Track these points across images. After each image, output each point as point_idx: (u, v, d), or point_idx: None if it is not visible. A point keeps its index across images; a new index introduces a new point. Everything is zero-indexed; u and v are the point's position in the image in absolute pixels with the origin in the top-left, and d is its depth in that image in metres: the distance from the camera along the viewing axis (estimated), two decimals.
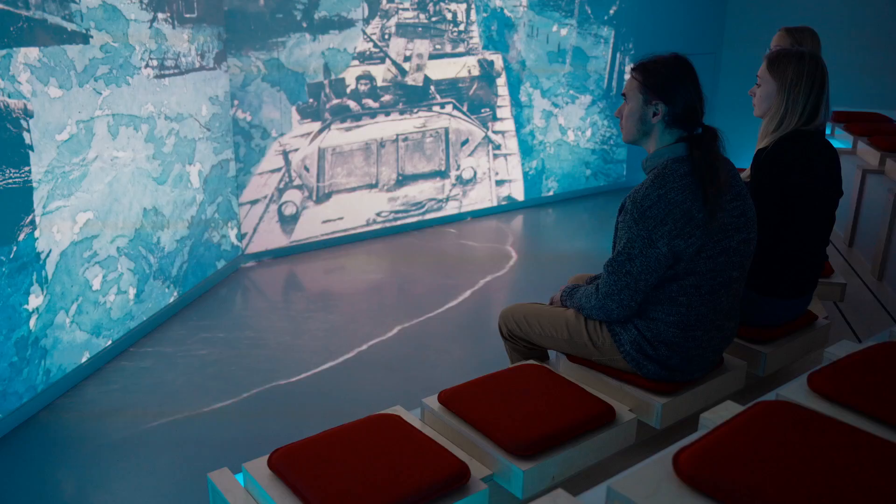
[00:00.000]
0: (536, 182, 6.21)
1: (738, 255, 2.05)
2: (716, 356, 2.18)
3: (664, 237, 1.93)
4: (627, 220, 1.98)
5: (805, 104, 2.37)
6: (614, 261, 2.02)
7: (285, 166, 4.78)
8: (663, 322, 2.04)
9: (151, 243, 3.85)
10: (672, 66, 2.03)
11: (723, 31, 7.03)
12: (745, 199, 2.08)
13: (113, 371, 3.41)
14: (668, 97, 2.02)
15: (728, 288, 2.06)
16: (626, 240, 1.98)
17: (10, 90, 2.87)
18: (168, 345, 3.67)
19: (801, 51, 2.41)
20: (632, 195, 1.99)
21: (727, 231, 2.00)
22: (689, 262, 1.96)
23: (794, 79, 2.37)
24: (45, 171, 3.07)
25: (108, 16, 3.41)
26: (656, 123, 2.05)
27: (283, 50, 4.61)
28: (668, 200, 1.93)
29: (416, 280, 4.56)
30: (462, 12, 5.42)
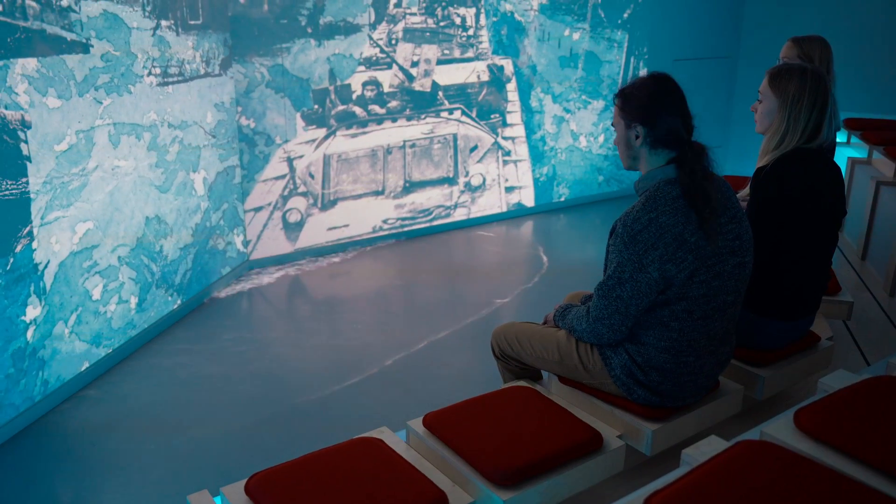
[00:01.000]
0: (547, 188, 6.18)
1: (732, 279, 2.02)
2: (709, 381, 2.16)
3: (655, 262, 1.91)
4: (618, 243, 1.96)
5: (807, 121, 2.33)
6: (604, 284, 2.00)
7: (290, 173, 4.79)
8: (654, 347, 2.01)
9: (154, 252, 3.87)
10: (648, 87, 2.02)
11: (739, 35, 6.95)
12: (741, 222, 2.05)
13: (112, 380, 3.44)
14: (644, 119, 2.01)
15: (722, 313, 2.03)
16: (617, 263, 1.96)
17: (7, 101, 2.90)
18: (169, 354, 3.69)
19: (804, 66, 2.37)
20: (622, 218, 1.97)
21: (721, 255, 1.98)
22: (681, 287, 1.94)
23: (797, 95, 2.33)
24: (42, 182, 3.10)
25: (109, 24, 3.44)
26: (640, 147, 2.03)
27: (287, 56, 4.62)
28: (660, 224, 1.91)
29: (421, 288, 4.55)
30: (471, 17, 5.40)
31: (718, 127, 6.65)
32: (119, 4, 3.49)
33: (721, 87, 6.79)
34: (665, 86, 2.02)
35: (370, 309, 4.27)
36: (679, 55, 6.60)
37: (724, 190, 2.05)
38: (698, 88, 6.70)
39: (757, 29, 6.84)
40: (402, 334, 3.91)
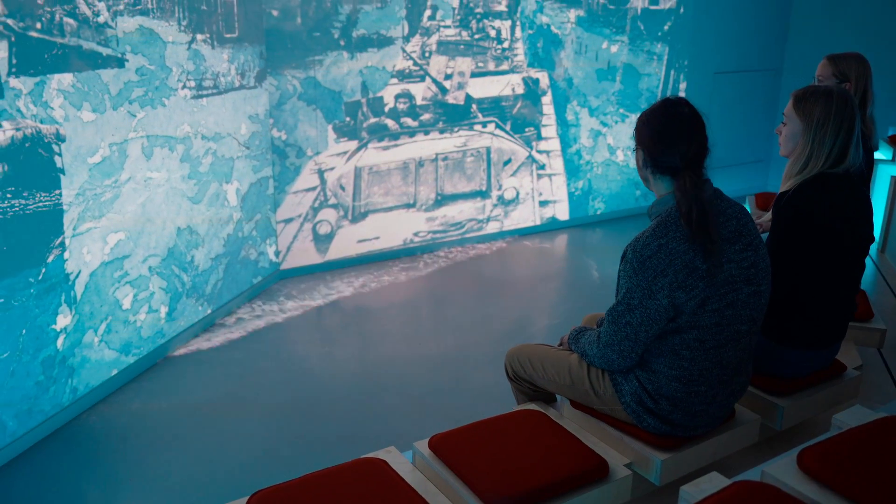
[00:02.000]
0: (582, 203, 6.16)
1: (747, 308, 2.00)
2: (723, 411, 2.13)
3: (664, 288, 1.90)
4: (627, 269, 1.96)
5: (832, 145, 2.30)
6: (614, 310, 2.01)
7: (320, 185, 4.87)
8: (665, 376, 2.00)
9: (185, 262, 3.97)
10: (654, 111, 2.03)
11: (784, 48, 6.83)
12: (756, 250, 2.03)
13: (139, 388, 3.53)
14: (644, 143, 2.03)
15: (736, 342, 2.01)
16: (626, 289, 1.96)
17: (43, 116, 3.02)
18: (197, 362, 3.78)
19: (830, 89, 2.34)
20: (632, 243, 1.97)
21: (735, 283, 1.96)
22: (692, 316, 1.93)
23: (822, 118, 2.30)
24: (76, 194, 3.21)
25: (144, 39, 3.55)
26: (645, 170, 2.04)
27: (320, 68, 4.70)
28: (669, 250, 1.90)
29: (450, 302, 4.58)
30: (506, 29, 5.43)
31: (761, 141, 6.54)
32: (155, 19, 3.60)
33: (764, 101, 6.68)
34: (671, 111, 2.01)
35: (398, 321, 4.31)
36: (721, 68, 6.52)
37: (739, 217, 2.03)
38: (740, 102, 6.68)
39: (802, 41, 6.72)
40: (428, 348, 3.95)
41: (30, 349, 3.04)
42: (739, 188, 6.51)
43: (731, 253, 1.97)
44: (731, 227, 1.99)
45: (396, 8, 4.91)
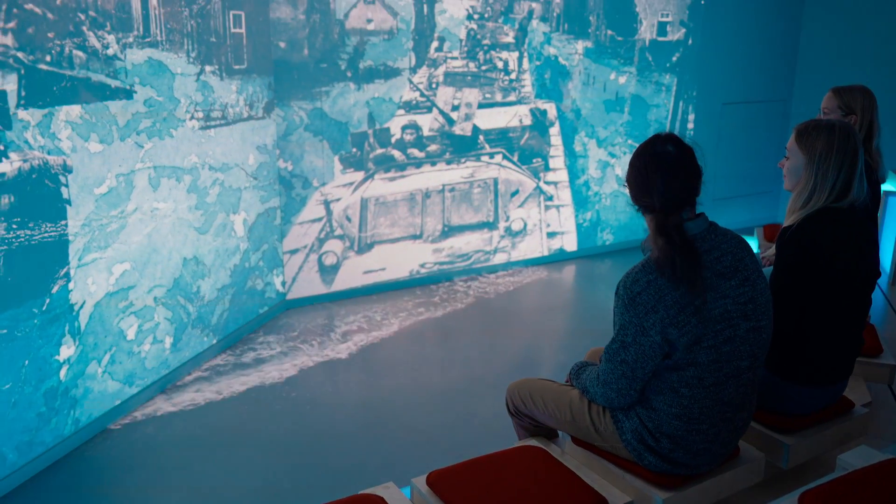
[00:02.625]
0: (591, 234, 6.16)
1: (746, 344, 1.99)
2: (726, 449, 2.11)
3: (656, 325, 1.90)
4: (619, 306, 1.96)
5: (836, 179, 2.30)
6: (610, 347, 2.00)
7: (326, 216, 4.90)
8: (665, 413, 1.99)
9: (191, 292, 3.99)
10: (640, 149, 2.03)
11: (793, 78, 6.86)
12: (754, 285, 2.01)
13: (143, 418, 3.53)
14: (627, 180, 2.03)
15: (736, 379, 2.00)
16: (620, 326, 1.97)
17: (50, 147, 3.06)
18: (199, 392, 3.78)
19: (832, 122, 2.35)
20: (623, 279, 1.97)
21: (731, 319, 1.95)
22: (688, 353, 1.92)
23: (824, 152, 2.30)
24: (81, 225, 3.24)
25: (153, 71, 3.60)
26: (632, 204, 2.04)
27: (326, 99, 4.76)
28: (659, 286, 1.89)
29: (457, 333, 4.57)
30: (514, 61, 5.48)
31: (770, 172, 6.54)
32: (164, 51, 3.66)
33: (773, 131, 6.69)
34: (654, 150, 1.99)
35: (404, 352, 4.30)
36: (729, 99, 6.55)
37: (736, 251, 2.02)
38: (749, 132, 6.70)
39: (810, 71, 6.75)
40: (432, 380, 3.94)
41: (32, 380, 3.05)
42: (748, 219, 6.50)
43: (725, 288, 1.95)
44: (725, 262, 1.98)
45: (403, 39, 4.98)
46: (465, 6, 5.19)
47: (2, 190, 2.89)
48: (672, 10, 6.11)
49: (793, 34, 6.83)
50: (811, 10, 6.76)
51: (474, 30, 5.28)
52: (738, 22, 6.49)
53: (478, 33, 5.29)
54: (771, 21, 6.68)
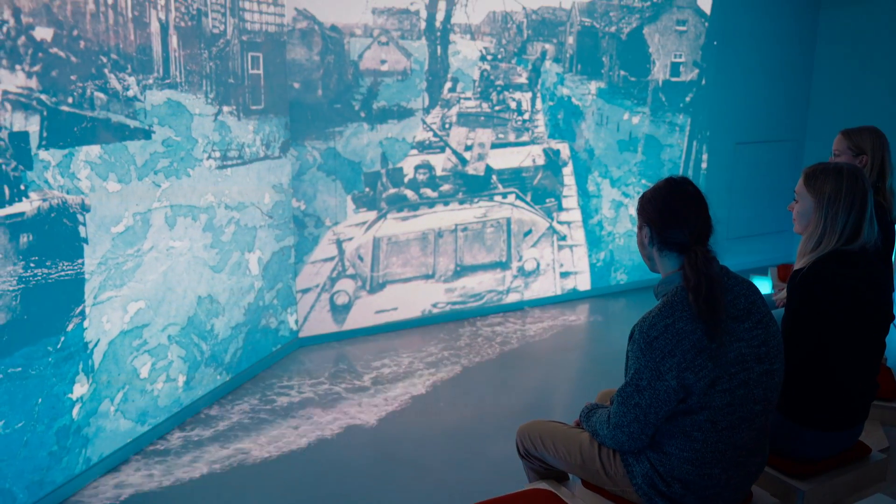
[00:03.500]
0: (604, 274, 6.19)
1: (759, 387, 2.00)
2: (738, 495, 2.12)
3: (673, 369, 1.92)
4: (635, 349, 1.99)
5: (845, 222, 2.34)
6: (623, 391, 2.02)
7: (339, 255, 4.96)
8: (677, 458, 2.00)
9: (205, 331, 4.05)
10: (660, 189, 2.10)
11: (806, 119, 6.92)
12: (767, 327, 2.04)
13: (154, 456, 3.56)
14: (651, 220, 2.08)
15: (749, 423, 2.01)
16: (635, 370, 1.99)
17: (70, 187, 3.15)
18: (209, 430, 3.81)
19: (840, 166, 2.39)
20: (639, 323, 2.00)
21: (745, 362, 1.97)
22: (702, 397, 1.93)
23: (833, 196, 2.34)
24: (98, 263, 3.31)
25: (172, 112, 3.70)
26: (650, 246, 2.09)
27: (340, 139, 4.85)
28: (676, 330, 1.92)
29: (469, 372, 4.58)
30: (527, 101, 5.57)
31: (784, 212, 6.55)
32: (183, 93, 3.77)
33: (787, 171, 6.74)
34: (677, 190, 2.08)
35: (415, 391, 4.32)
36: (742, 138, 6.61)
37: (748, 294, 2.05)
38: (763, 172, 6.74)
39: (824, 110, 6.81)
40: (444, 419, 3.95)
41: (45, 419, 3.09)
42: (762, 259, 6.51)
43: (740, 331, 1.98)
44: (739, 306, 2.01)
45: (417, 80, 5.08)
46: (479, 47, 5.30)
47: (21, 229, 2.97)
48: (685, 51, 6.21)
49: (805, 74, 6.91)
50: (823, 50, 6.84)
51: (487, 70, 5.38)
52: (750, 62, 6.57)
53: (491, 74, 5.39)
54: (783, 61, 6.76)
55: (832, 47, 6.79)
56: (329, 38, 4.74)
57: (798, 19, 6.77)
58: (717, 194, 6.57)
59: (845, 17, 6.65)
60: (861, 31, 6.56)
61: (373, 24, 4.87)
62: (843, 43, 6.71)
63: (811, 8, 6.79)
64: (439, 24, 5.11)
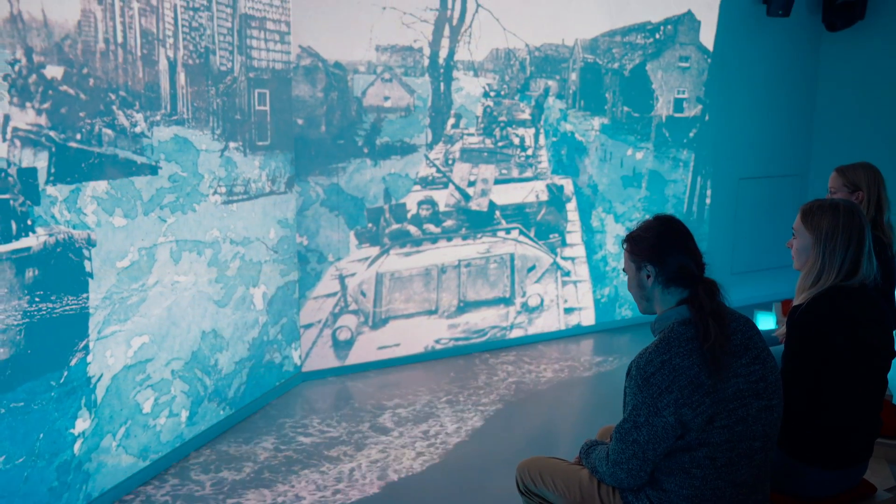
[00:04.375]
0: (609, 309, 6.23)
1: (758, 423, 2.04)
2: None
3: (670, 405, 1.96)
4: (632, 386, 2.03)
5: (843, 259, 2.39)
6: (621, 427, 2.06)
7: (341, 291, 5.02)
8: (676, 495, 2.03)
9: (208, 366, 4.10)
10: (654, 227, 2.16)
11: (810, 153, 7.03)
12: (764, 363, 2.09)
13: (154, 491, 3.58)
14: (653, 258, 2.14)
15: (749, 459, 2.04)
16: (632, 407, 2.03)
17: (76, 222, 3.22)
18: (211, 465, 3.83)
19: (836, 202, 2.46)
20: (636, 360, 2.05)
21: (744, 398, 2.01)
22: (701, 433, 1.97)
23: (830, 232, 2.40)
24: (102, 298, 3.38)
25: (178, 147, 3.79)
26: (652, 286, 2.15)
27: (343, 175, 4.94)
28: (673, 366, 1.97)
29: (470, 407, 4.61)
30: (530, 137, 5.67)
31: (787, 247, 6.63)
32: (190, 129, 3.86)
33: (790, 206, 6.80)
34: (670, 226, 2.16)
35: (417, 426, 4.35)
36: (745, 174, 6.71)
37: (745, 329, 2.10)
38: (766, 207, 6.82)
39: (827, 145, 6.92)
40: (446, 454, 3.98)
41: (46, 454, 3.13)
42: (766, 294, 6.56)
43: (737, 367, 2.03)
44: (736, 341, 2.06)
45: (420, 116, 5.19)
46: (482, 84, 5.42)
47: (27, 263, 3.04)
48: (688, 87, 6.32)
49: (807, 109, 7.03)
50: (824, 85, 6.97)
51: (490, 107, 5.49)
52: (753, 98, 6.69)
53: (494, 110, 5.50)
54: (785, 97, 6.88)
55: (833, 83, 6.92)
56: (333, 75, 4.85)
57: (799, 55, 6.90)
58: (721, 229, 6.65)
59: (846, 54, 6.79)
60: (862, 68, 6.70)
61: (376, 60, 4.99)
62: (844, 79, 6.84)
63: (812, 44, 6.93)
64: (442, 60, 5.23)
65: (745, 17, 6.50)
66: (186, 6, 3.78)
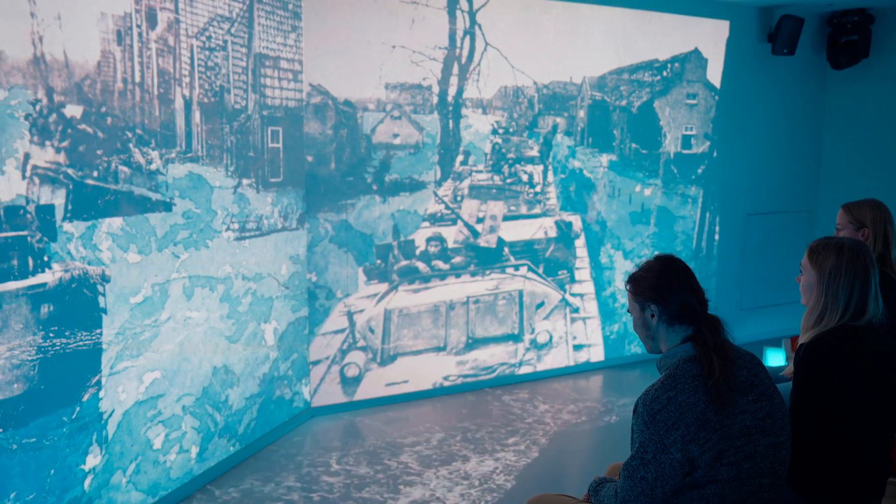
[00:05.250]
0: (618, 346, 6.30)
1: (766, 460, 2.08)
2: None
3: (677, 442, 2.00)
4: (639, 423, 2.07)
5: (848, 299, 2.45)
6: (629, 465, 2.10)
7: (349, 327, 5.10)
8: None
9: (219, 401, 4.16)
10: (655, 267, 2.24)
11: (817, 189, 7.15)
12: (771, 400, 2.13)
13: None
14: (657, 297, 2.20)
15: (757, 497, 2.08)
16: (639, 444, 2.07)
17: (91, 258, 3.32)
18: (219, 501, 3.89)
19: (842, 241, 2.53)
20: (642, 396, 2.09)
21: (751, 435, 2.05)
22: (708, 470, 2.01)
23: (833, 272, 2.47)
24: (115, 333, 3.46)
25: (193, 184, 3.90)
26: (657, 325, 2.21)
27: (352, 211, 5.05)
28: (679, 403, 2.02)
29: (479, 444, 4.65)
30: (539, 174, 5.79)
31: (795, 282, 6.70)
32: (204, 166, 3.97)
33: (798, 242, 6.90)
34: (671, 265, 2.23)
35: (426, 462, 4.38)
36: (754, 209, 6.82)
37: (751, 366, 2.15)
38: (774, 243, 6.92)
39: (834, 181, 7.05)
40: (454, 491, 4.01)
41: (56, 490, 3.18)
42: (775, 330, 6.62)
43: (744, 404, 2.07)
44: (742, 377, 2.11)
45: (429, 153, 5.31)
46: (490, 121, 5.55)
47: (42, 299, 3.12)
48: (696, 124, 6.45)
49: (815, 145, 7.18)
50: (830, 121, 7.12)
51: (499, 144, 5.61)
52: (760, 134, 6.83)
53: (503, 147, 5.63)
54: (792, 133, 7.03)
55: (839, 120, 7.08)
56: (342, 113, 4.98)
57: (805, 93, 7.07)
58: (729, 265, 6.74)
59: (851, 91, 6.97)
60: (867, 105, 6.88)
61: (385, 98, 5.13)
62: (850, 115, 7.00)
63: (818, 82, 7.10)
64: (451, 98, 5.37)
65: (752, 55, 6.67)
66: (203, 46, 3.92)
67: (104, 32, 3.35)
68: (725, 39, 6.48)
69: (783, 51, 6.56)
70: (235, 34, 4.15)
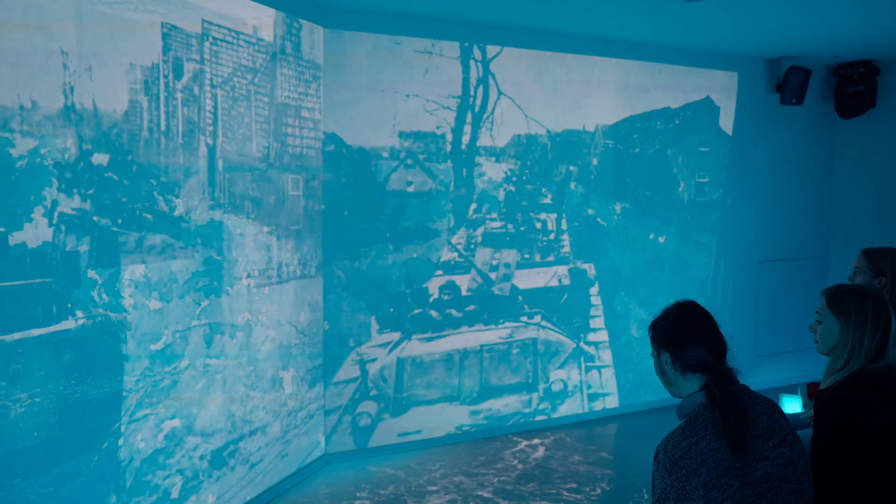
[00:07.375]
0: (633, 394, 6.39)
1: None
2: None
3: (699, 489, 2.05)
4: (660, 470, 2.13)
5: (871, 343, 2.58)
6: None
7: (361, 376, 5.21)
8: None
9: (236, 449, 4.26)
10: (670, 315, 2.32)
11: (829, 235, 7.34)
12: (792, 446, 2.20)
13: None
14: (669, 346, 2.29)
15: None
16: (661, 490, 2.12)
17: (114, 305, 3.45)
18: None
19: (863, 288, 2.65)
20: (663, 443, 2.16)
21: (773, 481, 2.11)
22: None
23: (859, 318, 2.59)
24: (136, 381, 3.57)
25: (214, 232, 4.05)
26: (672, 373, 2.29)
27: (365, 260, 5.20)
28: (700, 449, 2.08)
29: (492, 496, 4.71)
30: (552, 221, 5.95)
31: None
32: (226, 213, 4.13)
33: (811, 288, 7.06)
34: (686, 314, 2.31)
35: None
36: (766, 256, 6.99)
37: (770, 412, 2.22)
38: (787, 289, 7.07)
39: (846, 227, 7.25)
40: None
41: None
42: (790, 377, 6.73)
43: (765, 450, 2.13)
44: (762, 424, 2.17)
45: (443, 202, 5.48)
46: (504, 169, 5.73)
47: (64, 346, 3.24)
48: (709, 172, 6.64)
49: (825, 192, 7.40)
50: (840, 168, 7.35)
51: (512, 191, 5.79)
52: (772, 182, 7.04)
53: (516, 195, 5.80)
54: (803, 181, 7.25)
55: (849, 167, 7.34)
56: (356, 161, 5.16)
57: (815, 141, 7.31)
58: (743, 312, 6.88)
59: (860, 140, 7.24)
60: (875, 152, 7.12)
61: (399, 146, 5.31)
62: (859, 163, 7.25)
63: (826, 131, 7.35)
64: (465, 146, 5.56)
65: (761, 104, 6.91)
66: (227, 95, 4.11)
67: (132, 82, 3.53)
68: (736, 88, 6.71)
69: (792, 101, 6.79)
70: (259, 84, 4.35)
